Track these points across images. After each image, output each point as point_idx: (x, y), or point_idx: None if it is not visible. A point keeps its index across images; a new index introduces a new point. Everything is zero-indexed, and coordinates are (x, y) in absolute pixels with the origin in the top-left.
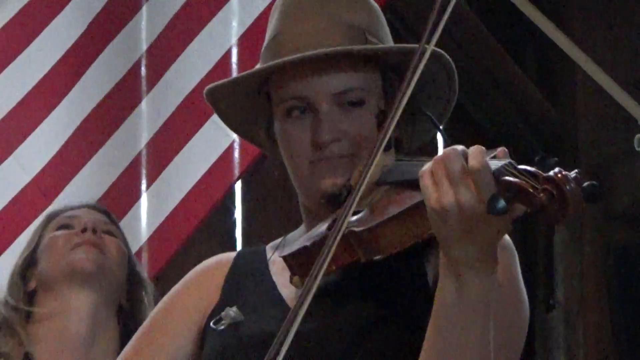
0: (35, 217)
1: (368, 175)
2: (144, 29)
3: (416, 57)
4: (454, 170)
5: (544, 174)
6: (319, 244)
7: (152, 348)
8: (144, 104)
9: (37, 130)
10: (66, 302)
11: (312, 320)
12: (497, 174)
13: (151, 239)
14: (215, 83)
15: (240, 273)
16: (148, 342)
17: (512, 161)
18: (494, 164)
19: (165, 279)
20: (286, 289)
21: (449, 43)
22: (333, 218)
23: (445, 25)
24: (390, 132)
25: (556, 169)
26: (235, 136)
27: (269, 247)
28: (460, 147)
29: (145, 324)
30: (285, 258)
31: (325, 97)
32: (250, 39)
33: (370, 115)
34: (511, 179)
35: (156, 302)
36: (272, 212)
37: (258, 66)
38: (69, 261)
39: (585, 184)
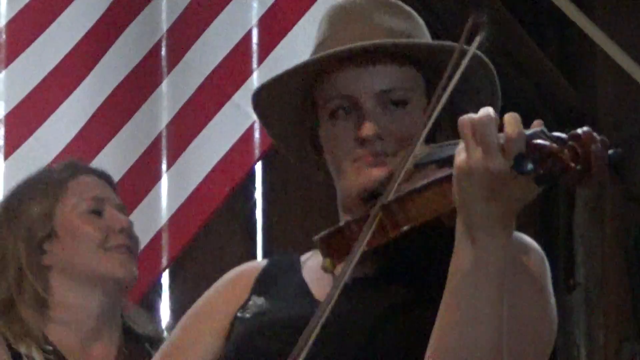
0: None
1: (408, 161)
2: (164, 10)
3: (455, 54)
4: (486, 134)
5: (571, 132)
6: (353, 223)
7: (182, 352)
8: (164, 85)
9: (58, 112)
10: (85, 299)
11: (344, 305)
12: (529, 137)
13: (171, 220)
14: (262, 84)
15: (272, 273)
16: (178, 345)
17: (544, 129)
18: (527, 131)
19: (186, 260)
20: (316, 285)
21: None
22: (370, 206)
23: (466, 6)
24: (426, 129)
25: (585, 128)
26: (255, 117)
27: (302, 256)
28: (492, 112)
29: (175, 329)
30: (318, 239)
31: (370, 95)
32: (271, 19)
33: (413, 116)
34: (540, 141)
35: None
36: (292, 193)
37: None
38: (107, 266)
39: (612, 150)
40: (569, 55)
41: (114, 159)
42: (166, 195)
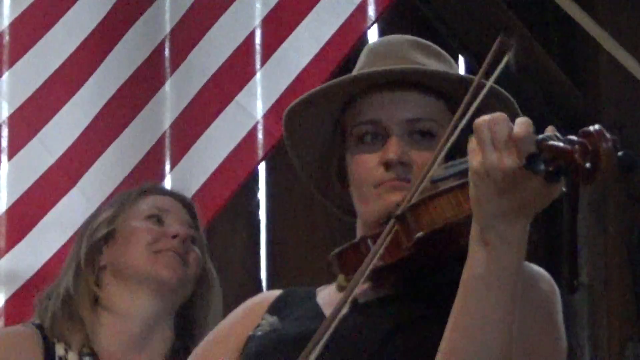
0: (60, 198)
1: (418, 189)
2: (168, 10)
3: (472, 88)
4: (500, 135)
5: (582, 130)
6: (369, 238)
7: None
8: (167, 86)
9: (62, 112)
10: (131, 301)
11: (354, 324)
12: (539, 139)
13: None
14: (294, 103)
15: (287, 299)
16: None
17: (557, 134)
18: (539, 136)
19: None
20: (329, 309)
21: (472, 24)
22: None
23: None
24: (443, 152)
25: (596, 126)
26: (259, 117)
27: (319, 290)
28: (505, 115)
29: (192, 354)
30: (333, 255)
31: (397, 122)
32: (274, 20)
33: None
34: (551, 142)
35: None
36: (296, 194)
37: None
38: (152, 266)
39: (621, 152)
40: (573, 55)
41: (118, 159)
42: None
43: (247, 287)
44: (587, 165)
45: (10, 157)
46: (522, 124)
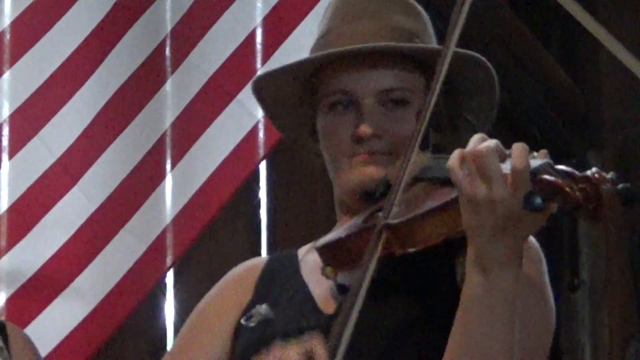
0: (61, 197)
1: (407, 173)
2: (169, 9)
3: (444, 56)
4: (489, 167)
5: (581, 174)
6: (354, 236)
7: (189, 355)
8: (168, 85)
9: (62, 111)
10: None
11: (338, 315)
12: (535, 172)
13: (176, 219)
14: (262, 73)
15: (273, 274)
16: (184, 348)
17: (551, 162)
18: (533, 163)
19: (190, 260)
20: (317, 287)
21: (473, 23)
22: (369, 212)
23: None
24: (423, 128)
25: (593, 169)
26: (260, 116)
27: (300, 250)
28: (493, 143)
29: (182, 330)
30: (319, 249)
31: (370, 93)
32: (275, 19)
33: (412, 117)
34: (548, 177)
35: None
36: (297, 192)
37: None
38: None
39: (621, 185)
40: (573, 54)
41: (118, 158)
42: (170, 195)
43: None
44: (591, 207)
45: (11, 156)
46: (518, 156)
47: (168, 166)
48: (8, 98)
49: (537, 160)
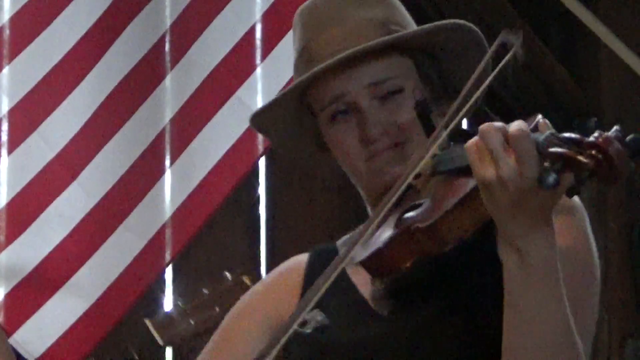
0: (60, 192)
1: (411, 176)
2: (168, 5)
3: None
4: (492, 145)
5: (587, 140)
6: (389, 245)
7: (227, 354)
8: (167, 81)
9: (61, 106)
10: None
11: (397, 317)
12: (542, 146)
13: (175, 215)
14: (257, 110)
15: (316, 274)
16: (223, 348)
17: (554, 131)
18: (536, 136)
19: (189, 255)
20: (365, 287)
21: (473, 19)
22: (397, 216)
23: (469, 2)
24: (444, 134)
25: (596, 133)
26: None
27: (340, 244)
28: (499, 123)
29: (221, 327)
30: (362, 263)
31: (362, 91)
32: (275, 15)
33: (410, 101)
34: (557, 149)
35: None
36: (296, 188)
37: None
38: None
39: (628, 138)
40: (573, 51)
41: (117, 154)
42: (169, 191)
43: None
44: (604, 170)
45: (10, 151)
46: (516, 129)
47: (167, 162)
48: (7, 93)
49: (540, 134)
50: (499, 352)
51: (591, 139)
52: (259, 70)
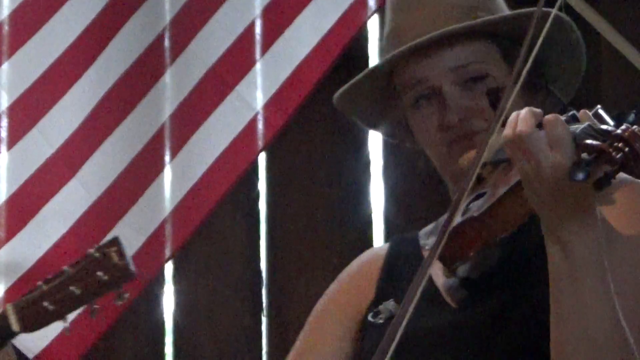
0: (59, 188)
1: (482, 159)
2: (167, 0)
3: (531, 29)
4: (528, 135)
5: (614, 132)
6: (455, 233)
7: (312, 353)
8: (167, 76)
9: (61, 102)
10: None
11: (466, 308)
12: (576, 137)
13: (175, 211)
14: (341, 89)
15: (396, 263)
16: (308, 346)
17: (593, 122)
18: (574, 127)
19: (189, 251)
20: (440, 277)
21: None
22: (469, 201)
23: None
24: (505, 111)
25: (623, 126)
26: (259, 107)
27: (422, 233)
28: (536, 111)
29: (305, 327)
30: (440, 259)
31: (445, 75)
32: (274, 10)
33: (496, 85)
34: (589, 141)
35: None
36: (296, 185)
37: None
38: None
39: None
40: None
41: (117, 150)
42: (169, 187)
43: (247, 279)
44: (632, 163)
45: (9, 147)
46: (550, 119)
47: (167, 158)
48: (6, 89)
49: (578, 124)
50: None
51: (618, 131)
52: (258, 66)
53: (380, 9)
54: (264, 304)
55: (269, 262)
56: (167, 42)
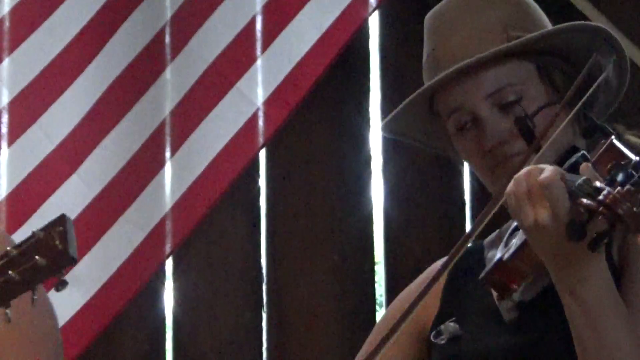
0: (60, 184)
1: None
2: None
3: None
4: (526, 190)
5: (599, 197)
6: (493, 272)
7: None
8: (168, 72)
9: (62, 98)
10: None
11: (522, 327)
12: (571, 194)
13: (175, 207)
14: (387, 118)
15: (459, 278)
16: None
17: (590, 176)
18: (571, 181)
19: (189, 248)
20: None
21: None
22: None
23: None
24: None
25: (606, 191)
26: (259, 104)
27: (486, 242)
28: (537, 167)
29: (375, 328)
30: (483, 282)
31: (481, 101)
32: (275, 6)
33: (535, 103)
34: (584, 201)
35: None
36: (296, 181)
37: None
38: None
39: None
40: None
41: (118, 146)
42: (170, 183)
43: (247, 275)
44: (620, 226)
45: (10, 143)
46: (547, 174)
47: (167, 154)
48: (7, 85)
49: (576, 177)
50: None
51: (600, 197)
52: (259, 62)
53: (381, 6)
54: (264, 300)
55: (269, 257)
56: (167, 39)
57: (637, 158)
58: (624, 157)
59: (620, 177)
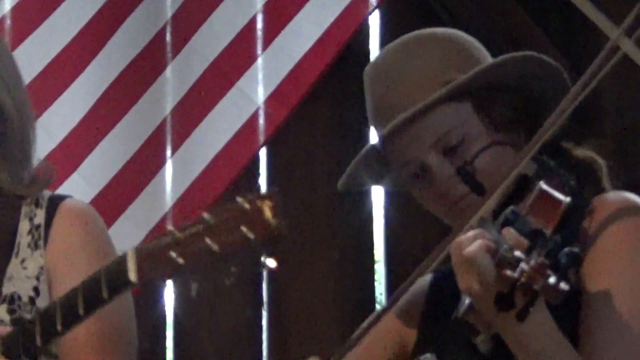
0: (61, 183)
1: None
2: None
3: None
4: (456, 261)
5: (518, 269)
6: (461, 321)
7: (369, 345)
8: (168, 71)
9: (63, 97)
10: None
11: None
12: (497, 264)
13: (176, 205)
14: (342, 178)
15: (437, 301)
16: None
17: (512, 243)
18: (497, 250)
19: None
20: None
21: (471, 7)
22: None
23: None
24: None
25: (523, 264)
26: (260, 103)
27: None
28: (466, 239)
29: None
30: (457, 321)
31: (427, 150)
32: (276, 5)
33: (477, 143)
34: (508, 272)
35: None
36: (296, 179)
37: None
38: None
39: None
40: (574, 42)
41: (119, 144)
42: (170, 181)
43: (248, 272)
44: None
45: None
46: (470, 247)
47: (168, 152)
48: None
49: (502, 243)
50: None
51: (514, 274)
52: (259, 61)
53: (381, 5)
54: (265, 298)
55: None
56: (168, 37)
57: (568, 199)
58: (554, 201)
59: (539, 243)
